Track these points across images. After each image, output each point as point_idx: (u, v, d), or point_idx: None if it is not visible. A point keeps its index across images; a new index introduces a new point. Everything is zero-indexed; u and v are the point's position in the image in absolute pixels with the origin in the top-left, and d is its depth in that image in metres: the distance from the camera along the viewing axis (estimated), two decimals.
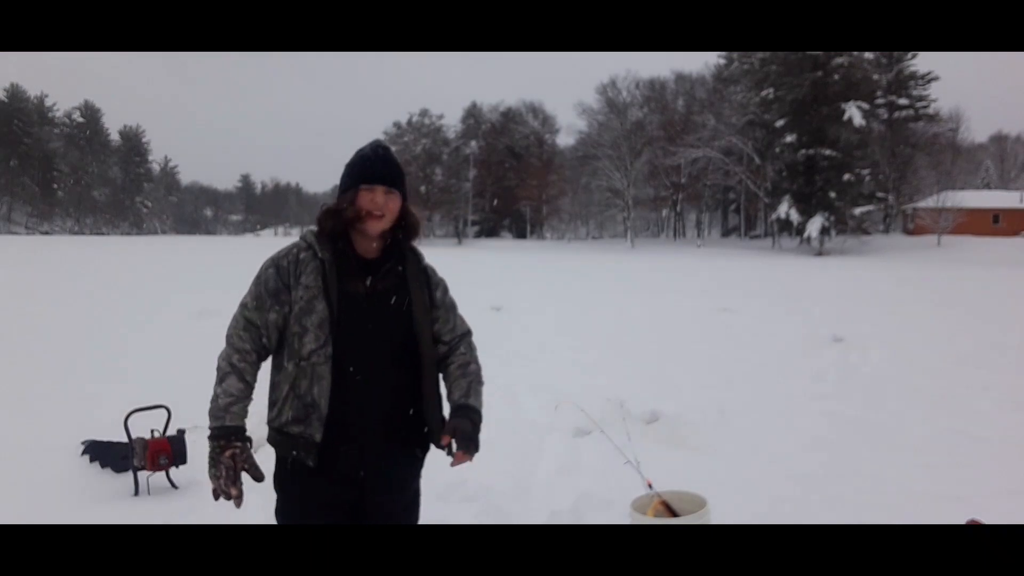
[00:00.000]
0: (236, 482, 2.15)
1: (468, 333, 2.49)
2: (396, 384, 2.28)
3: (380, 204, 2.24)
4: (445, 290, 2.45)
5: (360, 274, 2.25)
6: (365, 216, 2.23)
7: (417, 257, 2.40)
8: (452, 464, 2.23)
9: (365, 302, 2.23)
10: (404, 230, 2.34)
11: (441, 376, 2.39)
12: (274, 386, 2.30)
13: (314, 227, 2.31)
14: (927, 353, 9.69)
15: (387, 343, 2.25)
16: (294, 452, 2.26)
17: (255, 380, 2.28)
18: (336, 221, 2.26)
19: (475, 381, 2.40)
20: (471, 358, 2.44)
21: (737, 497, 4.21)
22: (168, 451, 4.70)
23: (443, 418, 2.38)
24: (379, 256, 2.30)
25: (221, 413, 2.19)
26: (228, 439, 2.17)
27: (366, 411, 2.24)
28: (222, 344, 2.29)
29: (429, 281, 2.39)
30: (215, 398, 2.21)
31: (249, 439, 2.24)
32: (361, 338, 2.21)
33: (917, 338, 11.00)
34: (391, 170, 2.28)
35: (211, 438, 2.19)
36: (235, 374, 2.22)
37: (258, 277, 2.27)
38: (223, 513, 4.34)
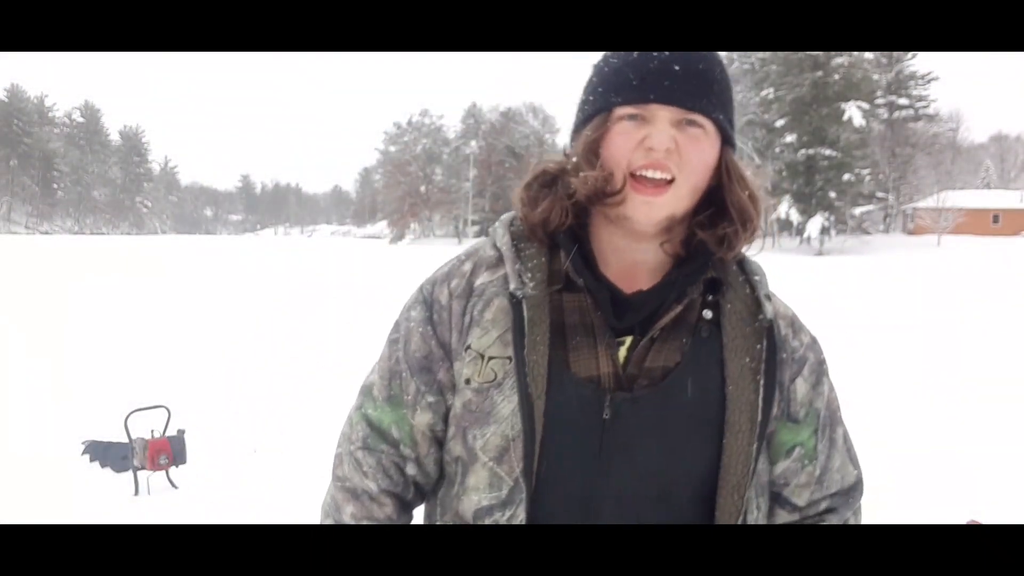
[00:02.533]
0: None
1: (853, 489, 1.13)
2: None
3: (664, 146, 0.97)
4: (820, 377, 1.12)
5: (607, 333, 1.02)
6: (625, 185, 0.98)
7: (751, 291, 1.07)
8: None
9: (615, 404, 1.00)
10: (719, 221, 1.03)
11: None
12: None
13: (510, 218, 1.12)
14: (926, 352, 9.69)
15: (657, 503, 1.01)
16: None
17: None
18: (559, 204, 1.04)
19: None
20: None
21: None
22: (168, 451, 4.70)
23: None
24: (657, 287, 1.02)
25: None
26: None
27: None
28: (222, 344, 1.40)
29: (778, 355, 1.05)
30: None
31: None
32: (595, 490, 1.00)
33: (915, 336, 10.99)
34: (693, 77, 0.98)
35: None
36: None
37: (397, 326, 1.13)
38: (223, 513, 4.34)
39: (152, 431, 4.84)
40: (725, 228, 1.03)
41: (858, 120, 46.32)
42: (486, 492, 1.02)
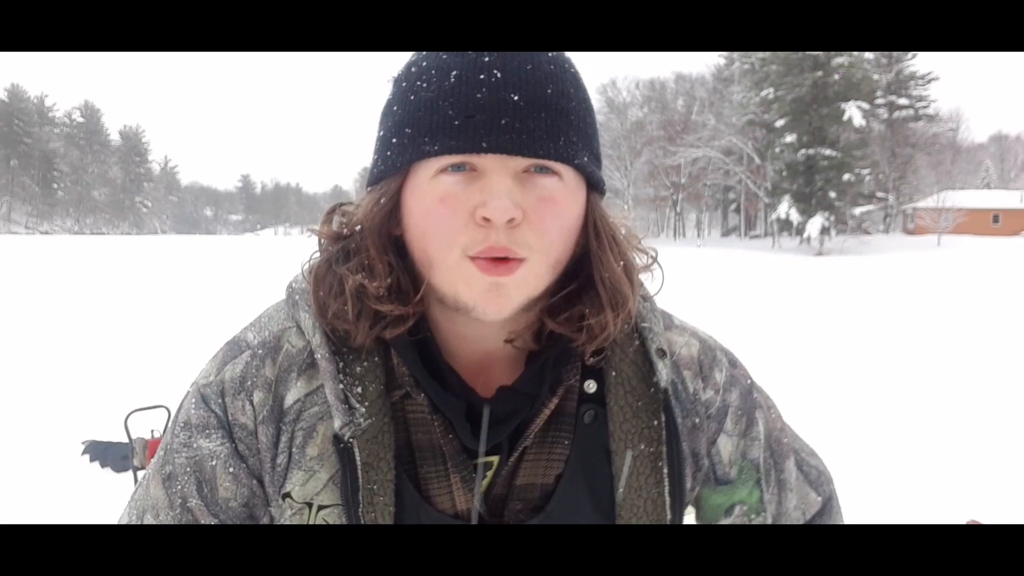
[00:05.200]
0: None
1: (820, 515, 0.98)
2: None
3: (507, 217, 0.69)
4: (751, 418, 0.90)
5: (463, 460, 0.78)
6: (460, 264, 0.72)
7: (641, 343, 0.84)
8: None
9: (481, 545, 0.75)
10: (576, 302, 0.78)
11: None
12: None
13: (303, 306, 0.80)
14: (926, 350, 9.69)
15: None
16: None
17: None
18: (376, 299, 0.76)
19: None
20: None
21: None
22: None
23: None
24: (524, 377, 0.79)
25: None
26: None
27: None
28: (222, 344, 1.13)
29: (684, 425, 0.84)
30: None
31: None
32: None
33: (915, 337, 10.99)
34: (542, 108, 0.71)
35: None
36: None
37: (168, 455, 0.84)
38: None
39: (152, 431, 4.83)
40: (589, 316, 0.76)
41: (858, 120, 46.32)
42: None
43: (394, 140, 0.73)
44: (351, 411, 0.75)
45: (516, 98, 0.69)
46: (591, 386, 0.80)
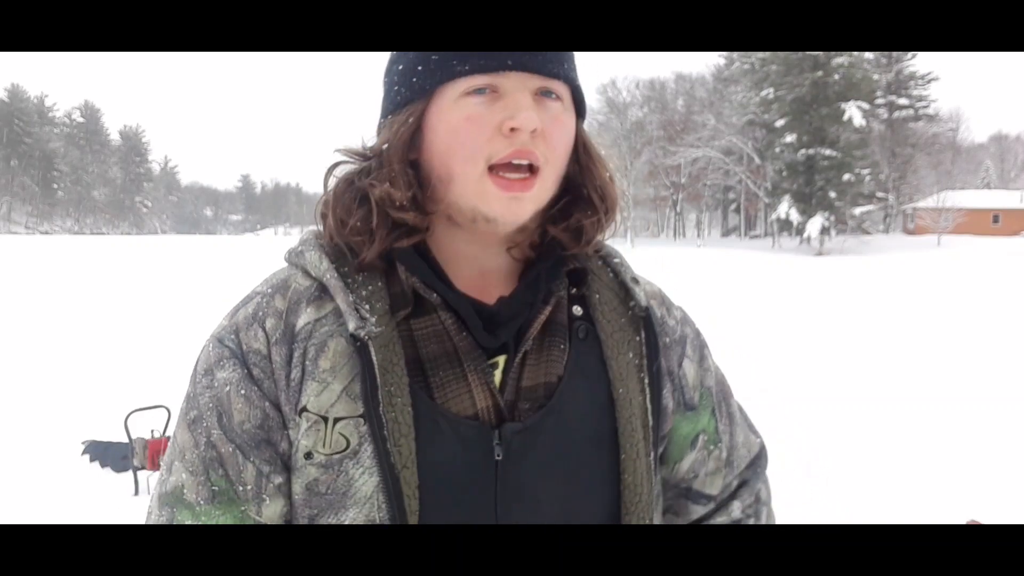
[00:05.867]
0: None
1: (759, 457, 1.04)
2: None
3: (532, 126, 0.79)
4: (703, 351, 1.01)
5: (478, 356, 0.84)
6: (490, 177, 0.81)
7: (615, 276, 0.95)
8: None
9: (505, 440, 0.83)
10: (573, 211, 0.89)
11: None
12: None
13: (315, 235, 0.89)
14: (926, 349, 9.69)
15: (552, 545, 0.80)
16: None
17: None
18: (381, 206, 0.83)
19: None
20: (760, 512, 1.02)
21: None
22: None
23: None
24: (519, 290, 0.87)
25: None
26: None
27: None
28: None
29: (659, 341, 0.93)
30: None
31: None
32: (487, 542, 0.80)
33: (915, 336, 10.99)
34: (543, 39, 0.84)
35: None
36: None
37: (191, 400, 0.86)
38: None
39: (152, 431, 4.84)
40: (582, 219, 0.87)
41: (858, 120, 46.33)
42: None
43: (419, 68, 0.82)
44: (363, 317, 0.81)
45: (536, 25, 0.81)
46: (578, 310, 0.90)
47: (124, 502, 4.55)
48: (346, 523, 0.80)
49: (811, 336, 11.05)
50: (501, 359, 0.84)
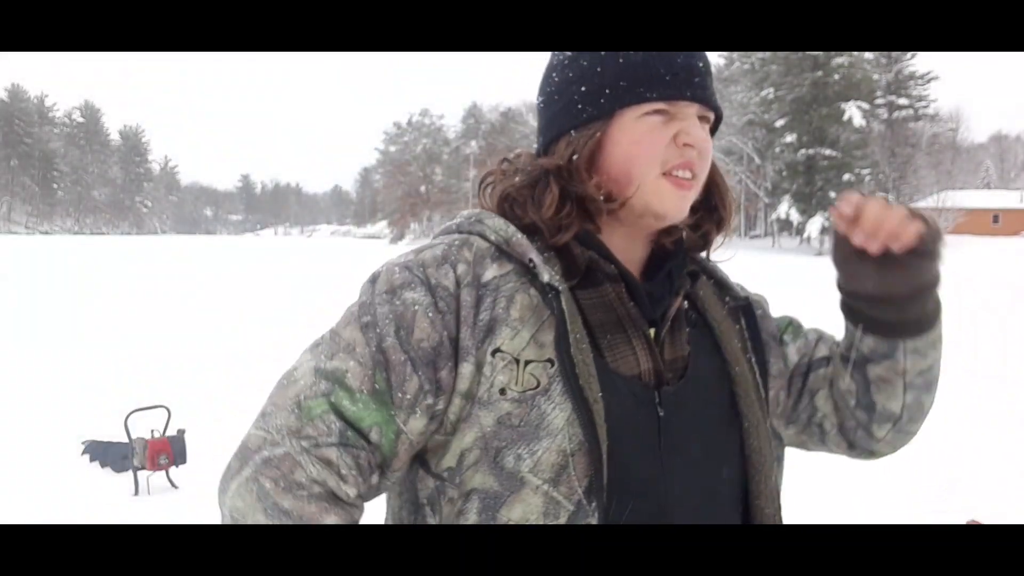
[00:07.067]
0: None
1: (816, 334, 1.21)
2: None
3: (702, 144, 0.97)
4: (771, 318, 1.16)
5: (642, 324, 0.97)
6: (670, 175, 0.96)
7: (710, 277, 1.11)
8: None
9: (665, 400, 0.95)
10: (704, 220, 1.06)
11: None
12: None
13: (488, 218, 0.98)
14: None
15: (706, 499, 0.97)
16: None
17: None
18: (569, 203, 0.96)
19: None
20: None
21: None
22: (168, 451, 4.70)
23: None
24: (659, 278, 1.01)
25: None
26: None
27: None
28: (222, 344, 0.91)
29: (762, 335, 1.09)
30: None
31: None
32: (662, 496, 0.93)
33: None
34: (708, 73, 1.00)
35: None
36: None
37: (367, 307, 0.92)
38: None
39: (152, 431, 4.84)
40: (708, 227, 1.07)
41: (858, 120, 46.34)
42: (537, 523, 0.87)
43: (607, 91, 0.96)
44: (555, 269, 0.95)
45: (700, 65, 0.98)
46: (685, 305, 1.04)
47: (124, 502, 4.55)
48: (539, 453, 0.87)
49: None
50: (651, 331, 0.98)
